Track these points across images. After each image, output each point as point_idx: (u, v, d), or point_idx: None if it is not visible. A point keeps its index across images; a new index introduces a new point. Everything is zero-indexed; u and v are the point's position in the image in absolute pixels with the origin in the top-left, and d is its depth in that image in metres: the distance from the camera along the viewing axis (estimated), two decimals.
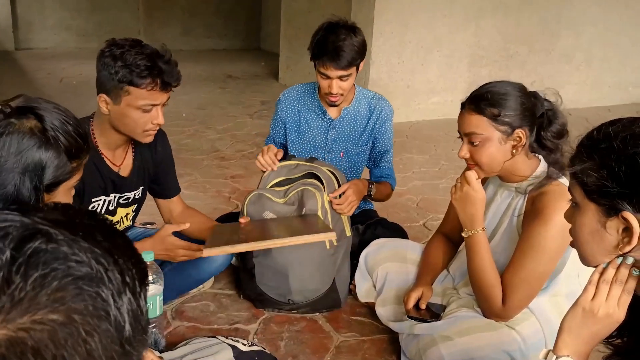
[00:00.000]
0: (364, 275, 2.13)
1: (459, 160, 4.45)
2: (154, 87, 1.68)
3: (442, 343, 1.62)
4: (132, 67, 1.64)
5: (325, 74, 2.18)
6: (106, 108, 1.72)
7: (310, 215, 2.01)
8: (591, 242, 0.99)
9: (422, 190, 3.51)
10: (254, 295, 2.14)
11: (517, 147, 1.62)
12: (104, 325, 0.52)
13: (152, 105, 1.71)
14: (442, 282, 1.96)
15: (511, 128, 1.60)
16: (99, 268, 0.53)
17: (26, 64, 7.60)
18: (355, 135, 2.39)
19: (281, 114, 2.43)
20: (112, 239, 0.58)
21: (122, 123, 1.74)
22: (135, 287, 0.56)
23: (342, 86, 2.21)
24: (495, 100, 1.59)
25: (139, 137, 1.78)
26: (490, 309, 1.66)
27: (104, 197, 1.90)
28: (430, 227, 2.98)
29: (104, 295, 0.52)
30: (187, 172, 3.61)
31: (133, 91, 1.67)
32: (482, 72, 5.51)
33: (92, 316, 0.51)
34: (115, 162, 1.89)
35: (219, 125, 4.91)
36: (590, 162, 0.96)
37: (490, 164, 1.64)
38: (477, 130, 1.61)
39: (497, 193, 1.78)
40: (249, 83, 7.03)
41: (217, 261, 2.14)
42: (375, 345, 1.95)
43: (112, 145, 1.85)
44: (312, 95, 2.41)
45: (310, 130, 2.41)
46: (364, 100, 2.39)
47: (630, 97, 6.59)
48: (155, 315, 1.78)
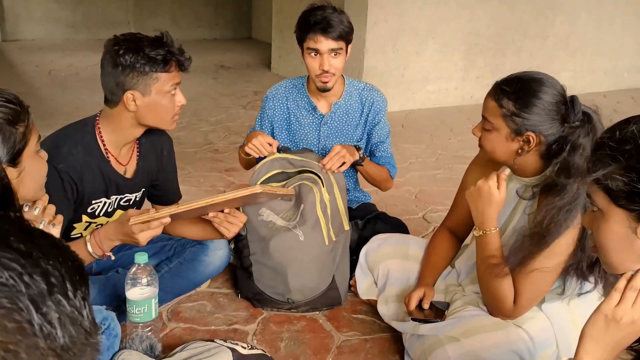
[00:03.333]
0: (365, 271, 2.07)
1: (456, 150, 4.42)
2: (175, 68, 1.75)
3: (448, 344, 1.58)
4: (154, 54, 1.69)
5: (315, 48, 2.08)
6: (135, 105, 1.72)
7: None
8: (620, 249, 0.94)
9: (420, 182, 3.46)
10: (252, 294, 2.08)
11: (523, 148, 1.55)
12: (29, 339, 0.46)
13: (176, 85, 1.76)
14: (445, 278, 1.91)
15: (523, 129, 1.52)
16: (11, 274, 0.47)
17: (14, 56, 7.46)
18: (349, 130, 2.31)
19: (269, 112, 2.33)
20: (29, 240, 0.52)
21: (153, 113, 1.75)
22: (66, 288, 0.50)
23: (333, 64, 2.11)
24: (520, 97, 1.51)
25: (167, 124, 1.81)
26: (500, 309, 1.61)
27: (105, 199, 1.85)
28: (429, 219, 2.93)
29: (21, 304, 0.46)
30: (180, 166, 3.48)
31: (162, 77, 1.71)
32: (477, 60, 5.44)
33: (9, 331, 0.45)
34: (121, 161, 1.85)
35: (211, 117, 4.82)
36: (614, 166, 0.89)
37: (492, 152, 1.61)
38: (489, 116, 1.58)
39: (509, 187, 1.70)
40: (241, 73, 6.93)
41: (214, 263, 2.09)
42: (377, 344, 1.90)
43: (120, 144, 1.83)
44: (300, 91, 2.32)
45: (301, 128, 2.32)
46: (354, 92, 2.31)
47: (625, 82, 6.55)
48: (150, 318, 1.72)
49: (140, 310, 1.69)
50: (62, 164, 1.65)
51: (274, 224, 2.02)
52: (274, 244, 1.99)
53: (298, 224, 2.00)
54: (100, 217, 1.87)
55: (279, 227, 2.01)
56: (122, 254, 2.00)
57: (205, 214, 1.83)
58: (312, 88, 2.26)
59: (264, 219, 2.03)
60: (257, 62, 7.61)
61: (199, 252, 2.07)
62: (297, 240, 1.99)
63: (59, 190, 1.65)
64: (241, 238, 2.11)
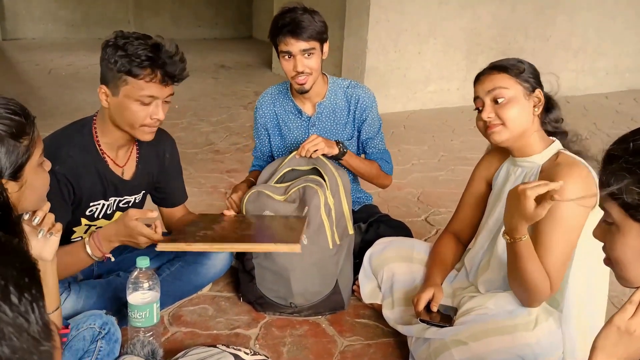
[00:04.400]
0: (368, 275, 2.05)
1: (459, 151, 4.39)
2: (153, 79, 1.63)
3: (454, 348, 1.55)
4: (133, 56, 1.60)
5: (287, 51, 2.07)
6: (106, 100, 1.68)
7: (296, 220, 1.90)
8: (636, 263, 0.91)
9: (422, 183, 3.43)
10: (254, 298, 2.06)
11: (538, 106, 1.66)
12: None
13: (150, 97, 1.65)
14: (451, 282, 1.89)
15: (532, 87, 1.65)
16: None
17: (14, 55, 7.45)
18: (338, 129, 2.29)
19: (261, 121, 2.33)
20: None
21: (120, 116, 1.69)
22: (8, 293, 0.46)
23: (307, 64, 2.09)
24: (514, 63, 1.67)
25: (137, 133, 1.72)
26: (538, 299, 1.58)
27: (103, 201, 1.83)
28: (432, 222, 2.91)
29: None
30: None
31: (131, 82, 1.62)
32: (478, 60, 5.42)
33: None
34: (118, 163, 1.82)
35: (212, 117, 4.80)
36: (630, 179, 0.87)
37: (515, 121, 1.63)
38: (503, 84, 1.63)
39: (510, 172, 1.74)
40: (242, 73, 6.91)
41: (216, 266, 2.07)
42: (381, 349, 1.88)
43: (114, 145, 1.80)
44: (286, 95, 2.31)
45: (291, 132, 2.31)
46: (339, 91, 2.29)
47: (626, 83, 6.53)
48: (152, 323, 1.70)
49: (141, 314, 1.68)
50: (59, 166, 1.62)
51: None
52: None
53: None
54: (99, 219, 1.85)
55: None
56: (123, 257, 1.98)
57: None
58: (295, 92, 2.24)
59: None
60: (257, 62, 7.59)
61: (201, 255, 2.05)
62: (301, 243, 1.96)
63: (56, 192, 1.63)
64: None
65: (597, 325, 1.60)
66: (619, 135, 0.97)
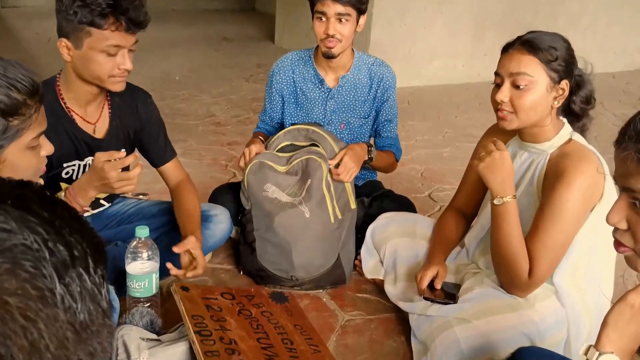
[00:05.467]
0: (371, 250, 2.02)
1: (463, 128, 4.33)
2: (117, 28, 1.55)
3: (457, 326, 1.53)
4: (93, 5, 1.51)
5: (322, 11, 2.01)
6: (68, 55, 1.60)
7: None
8: None
9: (426, 160, 3.39)
10: (255, 270, 2.03)
11: (558, 99, 1.55)
12: (49, 309, 0.42)
13: (116, 47, 1.58)
14: (455, 259, 1.86)
15: (559, 77, 1.52)
16: (36, 238, 0.43)
17: (13, 23, 7.34)
18: (357, 105, 2.24)
19: (277, 87, 2.26)
20: (52, 209, 0.47)
21: (86, 69, 1.61)
22: (88, 262, 0.46)
23: (339, 29, 2.04)
24: (549, 46, 1.52)
25: (106, 84, 1.65)
26: (514, 282, 1.56)
27: (78, 161, 1.76)
28: (435, 198, 2.87)
29: (45, 270, 0.42)
30: (181, 139, 3.46)
31: (95, 33, 1.54)
32: (485, 37, 5.33)
33: (31, 297, 0.41)
34: (88, 120, 1.75)
35: (213, 89, 4.73)
36: None
37: (529, 112, 1.54)
38: (528, 70, 1.51)
39: (517, 155, 1.68)
40: (244, 45, 6.81)
41: (215, 236, 2.02)
42: (382, 324, 1.86)
43: (82, 101, 1.72)
44: (307, 63, 2.24)
45: (308, 102, 2.25)
46: (363, 67, 2.23)
47: (635, 63, 6.43)
48: (150, 293, 1.68)
49: (140, 285, 1.65)
50: None
51: (279, 200, 1.97)
52: (278, 220, 1.94)
53: (304, 200, 1.95)
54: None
55: (284, 204, 1.96)
56: (122, 228, 1.95)
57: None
58: (320, 60, 2.19)
59: (268, 196, 1.97)
60: (260, 34, 7.48)
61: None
62: (303, 216, 1.93)
63: None
64: (245, 212, 2.06)
65: (602, 304, 1.58)
66: (626, 115, 0.93)
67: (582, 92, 1.60)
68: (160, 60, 5.55)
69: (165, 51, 5.96)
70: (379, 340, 1.79)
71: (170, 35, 6.72)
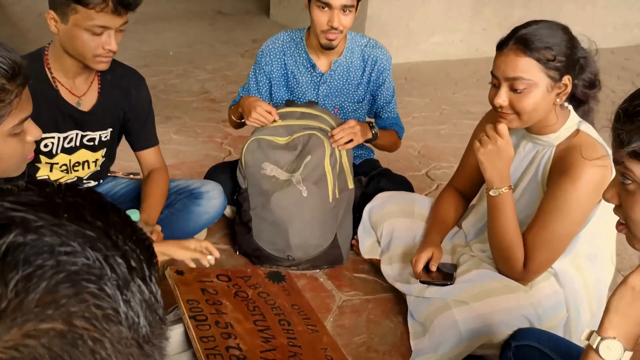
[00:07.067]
0: (368, 230, 2.00)
1: (462, 105, 4.27)
2: (104, 9, 1.52)
3: (456, 308, 1.52)
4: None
5: (327, 2, 1.92)
6: (55, 27, 1.58)
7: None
8: None
9: (424, 137, 3.35)
10: (251, 250, 2.01)
11: (561, 95, 1.47)
12: (114, 328, 0.41)
13: (102, 28, 1.55)
14: (452, 239, 1.84)
15: (560, 74, 1.44)
16: (97, 256, 0.42)
17: None
18: (350, 90, 2.18)
19: (266, 68, 2.17)
20: (104, 216, 0.45)
21: (70, 45, 1.60)
22: (144, 271, 0.45)
23: (343, 22, 1.97)
24: (546, 42, 1.42)
25: (89, 62, 1.62)
26: (510, 272, 1.56)
27: (57, 134, 1.71)
28: (432, 176, 2.84)
29: (108, 290, 0.41)
30: (175, 115, 3.42)
31: (81, 10, 1.51)
32: (484, 11, 5.24)
33: (97, 318, 0.40)
34: (75, 92, 1.72)
35: (208, 65, 4.66)
36: None
37: (531, 114, 1.47)
38: (525, 75, 1.43)
39: (520, 145, 1.63)
40: (240, 20, 6.70)
41: (209, 213, 2.00)
42: (380, 305, 1.84)
43: (69, 73, 1.69)
44: (299, 46, 2.16)
45: (299, 87, 2.18)
46: (357, 49, 2.16)
47: (634, 38, 6.36)
48: None
49: None
50: None
51: (277, 179, 1.94)
52: (275, 199, 1.91)
53: (302, 178, 1.92)
54: (58, 154, 1.74)
55: (282, 182, 1.93)
56: None
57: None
58: (313, 44, 2.11)
59: (266, 174, 1.94)
60: (256, 9, 7.35)
61: (190, 203, 1.98)
62: (300, 195, 1.90)
63: None
64: (241, 191, 2.03)
65: (603, 287, 1.57)
66: (625, 91, 0.91)
67: (585, 75, 1.51)
68: (154, 35, 5.46)
69: (159, 25, 5.86)
70: (376, 321, 1.78)
71: (164, 9, 6.60)
